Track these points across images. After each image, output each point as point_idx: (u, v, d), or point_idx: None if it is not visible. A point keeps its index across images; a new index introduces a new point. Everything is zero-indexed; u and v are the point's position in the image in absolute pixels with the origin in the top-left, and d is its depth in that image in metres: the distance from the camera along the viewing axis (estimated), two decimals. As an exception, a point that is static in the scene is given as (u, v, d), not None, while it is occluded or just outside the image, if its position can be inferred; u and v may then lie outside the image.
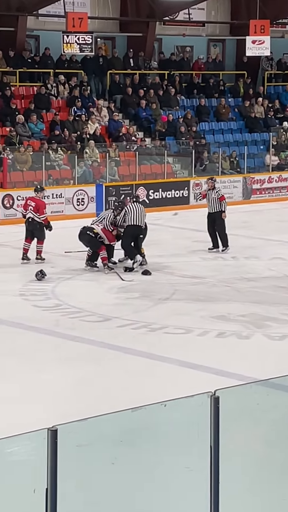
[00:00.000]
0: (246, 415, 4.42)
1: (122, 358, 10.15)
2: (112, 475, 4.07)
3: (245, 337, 10.94)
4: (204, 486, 4.10)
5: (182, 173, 23.18)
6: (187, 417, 4.20)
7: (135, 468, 4.14)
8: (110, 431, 4.06)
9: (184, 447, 4.22)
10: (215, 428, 4.06)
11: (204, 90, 26.13)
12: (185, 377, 9.34)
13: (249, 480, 4.47)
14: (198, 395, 4.12)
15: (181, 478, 4.22)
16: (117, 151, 22.40)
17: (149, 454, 4.18)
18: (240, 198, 23.25)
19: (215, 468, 4.02)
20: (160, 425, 4.21)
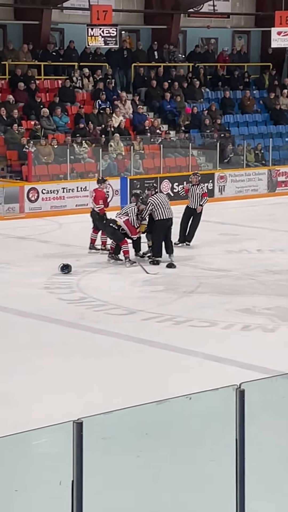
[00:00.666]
0: (271, 408, 4.40)
1: (147, 351, 10.16)
2: (137, 468, 4.08)
3: (270, 330, 10.90)
4: (230, 479, 4.10)
5: (207, 165, 23.12)
6: (212, 410, 4.20)
7: (160, 461, 4.15)
8: (135, 423, 4.07)
9: (209, 440, 4.21)
10: (240, 421, 4.05)
11: (229, 82, 26.04)
12: (210, 370, 9.33)
13: (274, 473, 4.46)
14: (223, 388, 4.12)
15: (206, 471, 4.22)
16: (142, 144, 22.38)
17: (174, 447, 4.18)
18: (265, 190, 23.16)
19: (240, 461, 4.01)
20: (185, 418, 4.21)
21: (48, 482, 3.89)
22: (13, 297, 12.49)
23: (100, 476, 3.95)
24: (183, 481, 4.20)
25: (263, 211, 20.33)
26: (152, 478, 4.13)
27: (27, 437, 3.87)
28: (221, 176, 22.43)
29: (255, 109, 25.62)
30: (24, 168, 20.57)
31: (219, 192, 22.41)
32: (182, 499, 4.20)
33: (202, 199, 16.06)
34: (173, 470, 4.18)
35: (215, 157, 22.88)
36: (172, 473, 4.18)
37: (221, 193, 22.43)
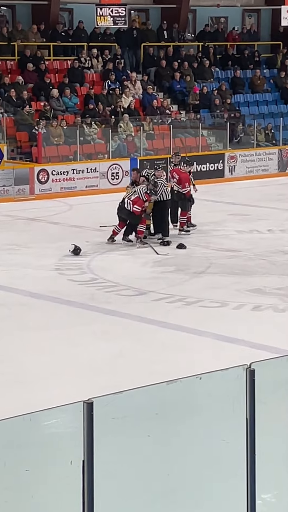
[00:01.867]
0: (282, 388, 4.40)
1: (158, 331, 10.17)
2: (147, 448, 4.09)
3: (282, 310, 10.89)
4: (241, 459, 4.11)
5: (217, 146, 23.03)
6: (223, 390, 4.20)
7: (170, 440, 4.16)
8: (146, 403, 4.07)
9: (220, 420, 4.22)
10: (250, 401, 4.05)
11: (239, 61, 25.88)
12: (221, 350, 9.34)
13: (286, 452, 4.46)
14: (233, 368, 4.12)
15: (217, 451, 4.23)
16: (151, 124, 22.30)
17: (185, 427, 4.18)
18: (276, 170, 23.06)
19: (251, 441, 4.01)
20: (196, 398, 4.21)
21: (59, 462, 3.91)
22: (24, 278, 12.51)
23: (110, 456, 3.97)
24: (193, 461, 4.21)
25: (273, 191, 20.24)
26: (162, 458, 4.14)
27: (38, 417, 3.88)
28: (231, 156, 22.34)
29: (266, 89, 25.47)
30: (34, 149, 20.55)
31: (229, 172, 22.33)
32: (193, 479, 4.21)
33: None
34: (183, 450, 4.19)
35: (225, 137, 22.78)
36: (183, 453, 4.19)
37: (231, 173, 22.35)
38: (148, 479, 4.09)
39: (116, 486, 3.98)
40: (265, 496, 4.29)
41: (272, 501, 4.38)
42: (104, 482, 3.87)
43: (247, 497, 3.95)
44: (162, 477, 4.12)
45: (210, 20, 26.81)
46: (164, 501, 4.16)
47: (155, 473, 4.12)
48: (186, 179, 15.38)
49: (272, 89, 25.67)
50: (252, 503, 3.92)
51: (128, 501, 4.00)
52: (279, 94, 25.54)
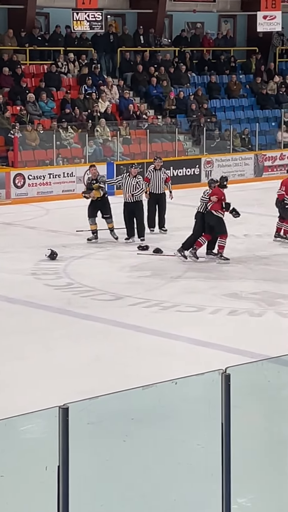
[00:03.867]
0: (257, 392, 4.42)
1: (134, 336, 10.17)
2: (123, 452, 4.09)
3: (257, 314, 10.94)
4: (216, 463, 4.12)
5: (193, 150, 23.10)
6: (198, 394, 4.21)
7: (146, 445, 4.16)
8: (121, 408, 4.08)
9: (195, 424, 4.23)
10: (226, 405, 4.06)
11: (215, 66, 25.97)
12: (197, 355, 9.36)
13: (260, 456, 4.48)
14: (209, 372, 4.13)
15: (192, 455, 4.24)
16: (128, 129, 22.33)
17: (160, 431, 4.19)
18: (252, 175, 23.16)
19: (226, 445, 4.02)
20: (171, 402, 4.22)
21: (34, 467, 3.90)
22: (0, 283, 12.46)
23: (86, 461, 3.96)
24: (169, 466, 4.21)
25: (250, 196, 20.32)
26: (138, 462, 4.15)
27: (13, 422, 3.87)
28: (207, 161, 22.41)
29: (242, 94, 25.58)
30: (10, 153, 20.48)
31: (205, 177, 22.37)
32: (168, 483, 4.21)
33: (168, 186, 15.99)
34: (159, 454, 4.20)
35: (201, 142, 22.85)
36: (158, 458, 4.19)
37: (208, 178, 22.39)
38: (123, 483, 4.09)
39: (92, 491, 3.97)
40: (240, 501, 4.31)
41: (248, 505, 4.39)
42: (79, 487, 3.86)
43: (222, 501, 3.96)
44: (138, 482, 4.12)
45: (187, 25, 26.89)
46: (140, 505, 4.16)
47: (130, 478, 4.12)
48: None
49: (248, 94, 25.78)
50: (228, 507, 3.93)
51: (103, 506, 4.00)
52: (255, 99, 25.66)
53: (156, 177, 15.89)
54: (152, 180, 15.87)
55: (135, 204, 15.01)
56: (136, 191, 15.02)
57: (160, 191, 15.87)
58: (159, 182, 15.90)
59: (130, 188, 15.02)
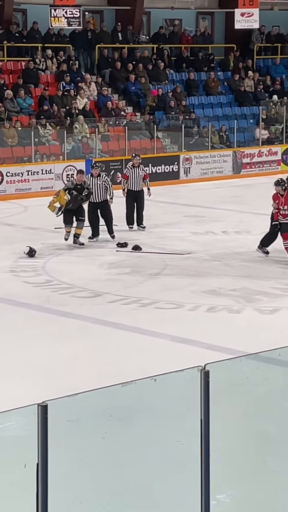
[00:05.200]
0: (236, 389, 4.44)
1: (113, 333, 10.17)
2: (102, 449, 4.09)
3: (236, 311, 10.97)
4: (195, 459, 4.13)
5: (172, 147, 23.11)
6: (177, 391, 4.21)
7: (125, 442, 4.16)
8: (101, 406, 4.07)
9: (175, 421, 4.24)
10: (205, 402, 4.07)
11: (193, 63, 25.99)
12: (176, 352, 9.37)
13: (239, 452, 4.50)
14: (187, 369, 4.13)
15: (171, 452, 4.24)
16: (107, 126, 22.30)
17: (140, 428, 4.19)
18: (230, 172, 23.21)
19: (205, 442, 4.03)
20: (151, 399, 4.22)
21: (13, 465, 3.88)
22: (-22, 281, 12.41)
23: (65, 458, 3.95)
24: (148, 462, 4.22)
25: (228, 193, 20.38)
26: (117, 459, 4.15)
27: (-8, 421, 3.85)
28: (186, 158, 22.43)
29: (220, 91, 25.63)
30: (-12, 151, 20.40)
31: (184, 174, 22.43)
32: (148, 479, 4.22)
33: (146, 183, 15.98)
34: (138, 451, 4.20)
35: (180, 139, 22.87)
36: (137, 455, 4.20)
37: (187, 175, 22.46)
38: (103, 480, 4.10)
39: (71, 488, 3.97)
40: (219, 497, 4.32)
41: (227, 501, 4.41)
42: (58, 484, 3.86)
43: (201, 497, 3.97)
44: (117, 478, 4.13)
45: (165, 22, 26.89)
46: (119, 502, 4.16)
47: (110, 475, 4.12)
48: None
49: (226, 91, 25.83)
50: (206, 503, 3.94)
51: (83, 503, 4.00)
52: (233, 96, 25.72)
53: (134, 174, 15.88)
54: (130, 177, 15.86)
55: (101, 204, 14.78)
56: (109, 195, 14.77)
57: (138, 188, 15.86)
58: (137, 179, 15.89)
59: (97, 188, 14.71)
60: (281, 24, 28.34)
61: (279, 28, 28.23)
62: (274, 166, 23.93)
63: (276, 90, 26.02)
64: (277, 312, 10.93)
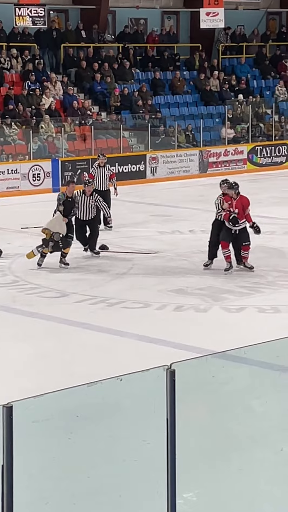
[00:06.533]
0: (202, 388, 4.44)
1: (80, 333, 10.14)
2: (68, 450, 4.08)
3: (203, 310, 11.00)
4: (161, 459, 4.13)
5: (138, 147, 23.12)
6: (144, 391, 4.21)
7: (91, 442, 4.15)
8: (67, 406, 4.06)
9: (141, 420, 4.23)
10: (171, 401, 4.07)
11: (159, 63, 26.02)
12: (144, 351, 9.37)
13: (205, 451, 4.51)
14: (153, 368, 4.14)
15: (138, 451, 4.24)
16: (73, 125, 22.25)
17: (106, 428, 4.18)
18: (197, 171, 23.28)
19: (171, 441, 4.04)
20: (117, 399, 4.21)
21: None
22: None
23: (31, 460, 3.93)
24: (114, 462, 4.21)
25: (194, 192, 20.43)
26: (83, 460, 4.14)
27: None
28: (152, 157, 22.45)
29: (186, 90, 25.68)
30: None
31: (151, 173, 22.44)
32: (114, 479, 4.21)
33: (113, 182, 15.92)
34: (104, 451, 4.19)
35: (146, 138, 22.89)
36: (104, 455, 4.19)
37: (153, 174, 22.47)
38: (69, 481, 4.08)
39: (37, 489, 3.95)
40: (186, 495, 4.33)
41: (194, 500, 4.42)
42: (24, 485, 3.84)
43: (168, 496, 3.98)
44: (84, 479, 4.11)
45: (130, 22, 26.88)
46: (86, 502, 4.15)
47: (76, 475, 4.10)
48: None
49: (192, 90, 25.89)
50: (173, 502, 3.95)
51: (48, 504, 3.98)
52: (199, 95, 25.79)
53: (101, 174, 15.86)
54: (97, 177, 15.83)
55: (89, 222, 13.64)
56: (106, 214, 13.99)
57: (104, 188, 15.83)
58: (104, 179, 15.86)
59: (86, 207, 13.46)
60: (246, 24, 28.48)
61: (244, 28, 28.37)
62: (240, 165, 24.05)
63: (241, 89, 26.14)
64: (243, 311, 10.98)
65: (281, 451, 4.55)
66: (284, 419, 4.62)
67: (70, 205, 13.16)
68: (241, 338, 9.20)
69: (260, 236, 13.45)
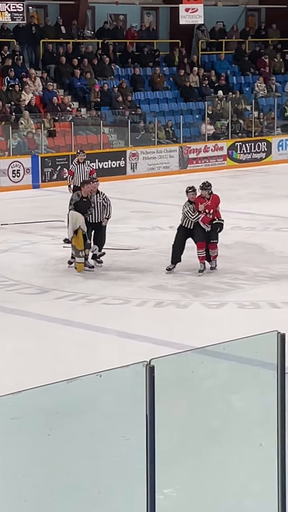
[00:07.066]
0: (182, 384, 4.45)
1: (61, 329, 10.12)
2: (48, 447, 4.07)
3: (183, 306, 11.01)
4: (141, 454, 4.13)
5: (118, 143, 23.09)
6: (123, 387, 4.21)
7: (71, 438, 4.15)
8: (46, 402, 4.05)
9: (121, 417, 4.23)
10: (150, 397, 4.08)
11: (139, 59, 26.00)
12: (124, 347, 9.37)
13: (185, 446, 4.51)
14: (133, 364, 4.14)
15: (117, 448, 4.24)
16: (52, 121, 22.18)
17: (86, 424, 4.18)
18: (177, 167, 23.29)
19: (151, 437, 4.04)
20: (96, 395, 4.21)
21: None
22: None
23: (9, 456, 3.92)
24: (94, 458, 4.21)
25: (175, 188, 20.41)
26: (63, 456, 4.13)
27: None
28: (132, 153, 22.43)
29: (165, 86, 25.68)
30: None
31: (131, 169, 22.42)
32: (93, 476, 4.21)
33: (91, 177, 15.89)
34: (84, 447, 4.19)
35: (126, 135, 22.86)
36: (83, 451, 4.18)
37: (133, 170, 22.46)
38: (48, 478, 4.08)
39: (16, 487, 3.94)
40: (166, 491, 4.34)
41: (174, 495, 4.43)
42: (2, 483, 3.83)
43: (147, 492, 3.98)
44: (63, 475, 4.11)
45: (109, 17, 26.84)
46: (65, 498, 4.15)
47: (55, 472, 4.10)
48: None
49: (172, 86, 25.90)
50: (152, 498, 3.96)
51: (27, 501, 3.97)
52: (179, 91, 25.79)
53: (80, 170, 15.82)
54: (76, 174, 15.79)
55: (97, 225, 12.91)
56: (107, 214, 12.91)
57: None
58: (83, 175, 15.83)
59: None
60: (225, 20, 28.51)
61: (223, 24, 28.40)
62: (220, 161, 24.08)
63: (221, 85, 26.18)
64: (223, 306, 11.01)
65: (260, 446, 4.57)
66: (263, 414, 4.63)
67: (85, 205, 12.60)
68: (221, 333, 9.22)
69: (240, 232, 13.47)
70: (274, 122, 25.66)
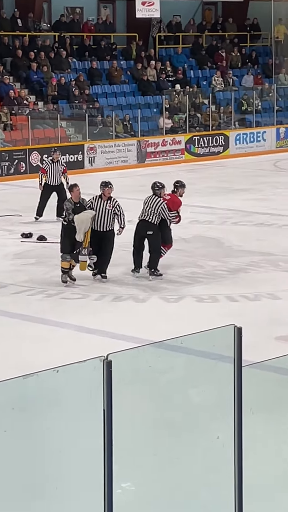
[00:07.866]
0: (139, 378, 4.45)
1: (18, 324, 10.07)
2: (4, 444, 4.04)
3: (142, 300, 11.02)
4: (99, 451, 4.13)
5: (76, 137, 23.00)
6: (80, 382, 4.20)
7: (28, 435, 4.13)
8: (2, 398, 4.02)
9: (78, 412, 4.22)
10: (108, 392, 4.07)
11: (96, 52, 25.92)
12: (82, 342, 9.35)
13: (144, 440, 4.52)
14: (90, 359, 4.13)
15: (75, 444, 4.23)
16: (9, 115, 22.01)
17: (43, 420, 4.16)
18: (135, 161, 23.28)
19: (108, 431, 4.04)
20: (53, 391, 4.19)
21: None
22: None
23: None
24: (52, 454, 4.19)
25: (133, 182, 20.40)
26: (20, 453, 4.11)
27: None
28: (90, 147, 22.37)
29: (123, 80, 25.64)
30: None
31: (89, 163, 22.37)
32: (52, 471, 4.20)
33: (66, 177, 15.95)
34: (41, 443, 4.17)
35: (84, 128, 22.78)
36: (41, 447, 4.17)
37: (91, 164, 22.40)
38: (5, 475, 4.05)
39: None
40: (124, 485, 4.34)
41: (132, 489, 4.44)
42: None
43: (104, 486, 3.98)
44: (21, 472, 4.09)
45: (66, 10, 26.69)
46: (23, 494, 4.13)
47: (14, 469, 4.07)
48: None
49: (129, 80, 25.86)
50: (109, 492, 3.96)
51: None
52: (136, 85, 25.77)
53: (54, 169, 15.91)
54: (49, 172, 15.86)
55: (105, 234, 11.80)
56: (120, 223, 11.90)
57: (57, 182, 15.87)
58: (57, 174, 15.92)
59: (104, 215, 11.81)
60: (182, 14, 28.54)
61: (180, 18, 28.42)
62: (178, 155, 24.12)
63: (178, 79, 26.21)
64: (181, 301, 11.04)
65: (217, 439, 4.59)
66: (220, 408, 4.66)
67: (81, 211, 11.70)
68: (179, 327, 9.25)
69: (198, 226, 13.52)
70: (232, 116, 25.78)
